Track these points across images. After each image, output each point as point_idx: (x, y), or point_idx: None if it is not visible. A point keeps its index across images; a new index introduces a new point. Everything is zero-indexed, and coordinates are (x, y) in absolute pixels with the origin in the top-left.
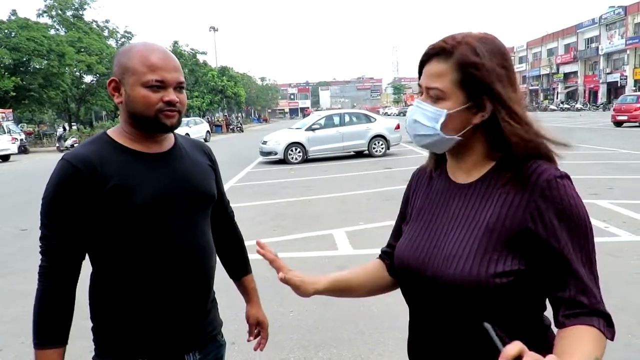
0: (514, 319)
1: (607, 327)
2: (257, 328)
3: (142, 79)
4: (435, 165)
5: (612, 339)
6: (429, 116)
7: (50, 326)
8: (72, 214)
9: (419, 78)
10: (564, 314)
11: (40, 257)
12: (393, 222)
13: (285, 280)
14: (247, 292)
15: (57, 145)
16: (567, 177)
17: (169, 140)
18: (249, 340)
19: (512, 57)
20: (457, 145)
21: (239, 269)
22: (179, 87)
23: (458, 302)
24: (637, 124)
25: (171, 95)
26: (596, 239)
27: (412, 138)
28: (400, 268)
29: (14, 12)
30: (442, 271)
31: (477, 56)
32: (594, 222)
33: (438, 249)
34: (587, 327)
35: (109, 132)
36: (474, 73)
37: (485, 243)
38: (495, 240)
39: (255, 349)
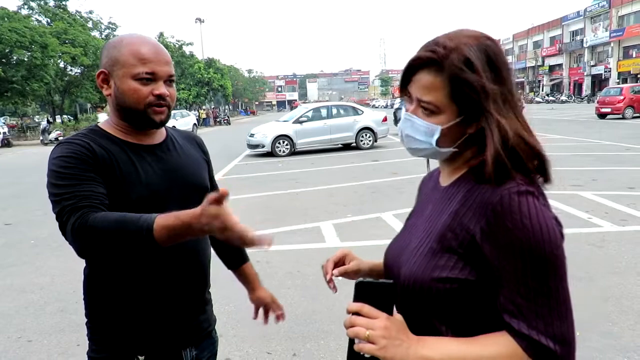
0: (478, 329)
1: (532, 354)
2: (270, 306)
3: (133, 71)
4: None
5: None
6: (422, 131)
7: (134, 216)
8: (83, 173)
9: (404, 82)
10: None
11: (67, 237)
12: (380, 215)
13: (342, 273)
14: (251, 279)
15: (41, 138)
16: (532, 193)
17: (160, 133)
18: (266, 323)
19: None
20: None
21: (237, 258)
22: (169, 80)
23: (410, 301)
24: (620, 116)
25: (161, 88)
26: (579, 230)
27: (407, 150)
28: (384, 265)
29: None
30: (399, 270)
31: (471, 72)
32: (577, 213)
33: (405, 250)
34: (506, 335)
35: (100, 124)
36: (466, 90)
37: (435, 247)
38: (443, 246)
39: (282, 320)
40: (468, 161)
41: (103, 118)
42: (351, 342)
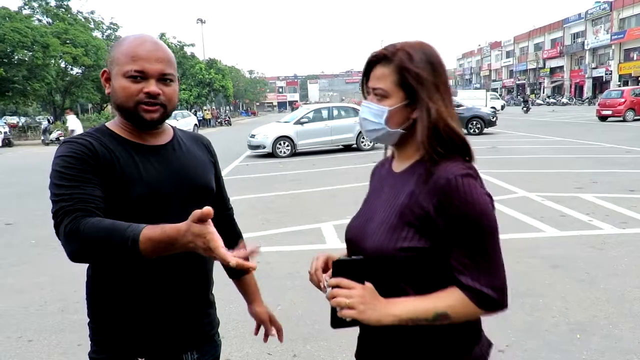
0: (435, 287)
1: (476, 302)
2: (266, 326)
3: (124, 69)
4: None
5: (485, 313)
6: (375, 113)
7: (123, 226)
8: (82, 174)
9: (366, 77)
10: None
11: (62, 239)
12: None
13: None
14: (250, 292)
15: (42, 138)
16: (472, 175)
17: (166, 134)
18: (265, 341)
19: (500, 52)
20: (401, 138)
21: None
22: (163, 78)
23: (377, 271)
24: (620, 119)
25: (151, 86)
26: (580, 232)
27: (364, 133)
28: (346, 241)
29: None
30: (364, 244)
31: (411, 62)
32: (578, 215)
33: (368, 226)
34: (456, 289)
35: (107, 124)
36: (407, 76)
37: (395, 223)
38: (403, 221)
39: (281, 341)
40: (418, 150)
41: (72, 120)
42: (333, 310)
